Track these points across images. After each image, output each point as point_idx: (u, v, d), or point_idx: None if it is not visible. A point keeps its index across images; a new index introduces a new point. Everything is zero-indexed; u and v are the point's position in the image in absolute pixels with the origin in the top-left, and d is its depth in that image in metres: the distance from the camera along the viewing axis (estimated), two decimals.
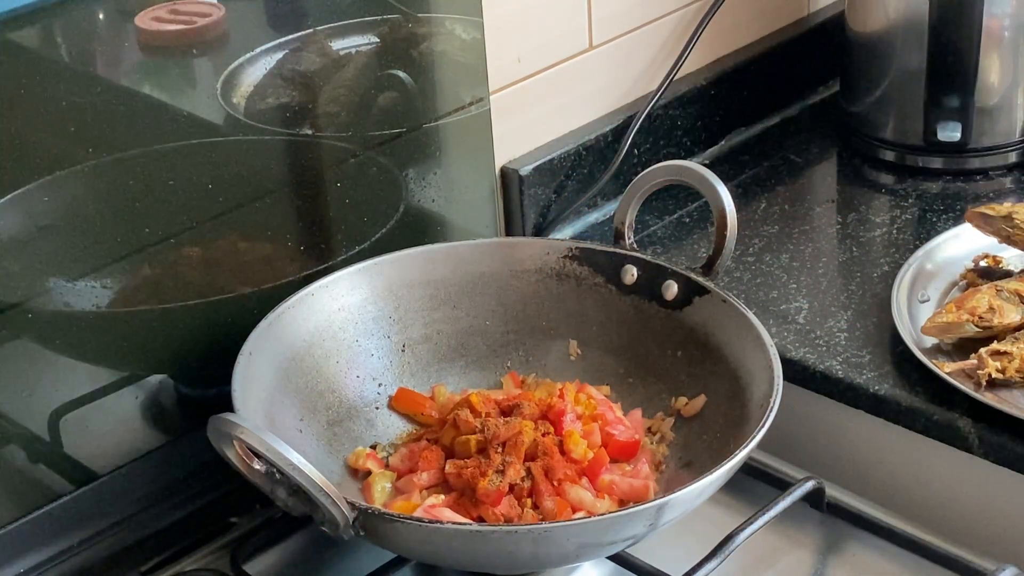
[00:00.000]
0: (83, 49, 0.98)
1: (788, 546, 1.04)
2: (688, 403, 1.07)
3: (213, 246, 1.07)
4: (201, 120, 1.06)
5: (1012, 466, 1.05)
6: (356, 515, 0.88)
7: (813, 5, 1.57)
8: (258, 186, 1.09)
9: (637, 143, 1.37)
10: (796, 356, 1.16)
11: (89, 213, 1.00)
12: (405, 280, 1.12)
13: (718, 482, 0.92)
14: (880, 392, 1.11)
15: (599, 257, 1.13)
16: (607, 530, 0.91)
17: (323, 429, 1.05)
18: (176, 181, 1.03)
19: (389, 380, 1.11)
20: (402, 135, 1.17)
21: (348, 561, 1.03)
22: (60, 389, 1.01)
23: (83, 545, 1.02)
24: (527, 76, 1.29)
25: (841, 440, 1.17)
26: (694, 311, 1.08)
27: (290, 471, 0.85)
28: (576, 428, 1.03)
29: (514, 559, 0.92)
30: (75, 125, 0.97)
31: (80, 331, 1.02)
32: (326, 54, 1.12)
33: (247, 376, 0.99)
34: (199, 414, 0.94)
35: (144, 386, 1.07)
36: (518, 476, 0.98)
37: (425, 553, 0.94)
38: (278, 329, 1.04)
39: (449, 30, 1.20)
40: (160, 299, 1.06)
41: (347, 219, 1.15)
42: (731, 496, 1.05)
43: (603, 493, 1.01)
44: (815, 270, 1.28)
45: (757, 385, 0.99)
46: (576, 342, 1.14)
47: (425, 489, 1.01)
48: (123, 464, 1.05)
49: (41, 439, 1.02)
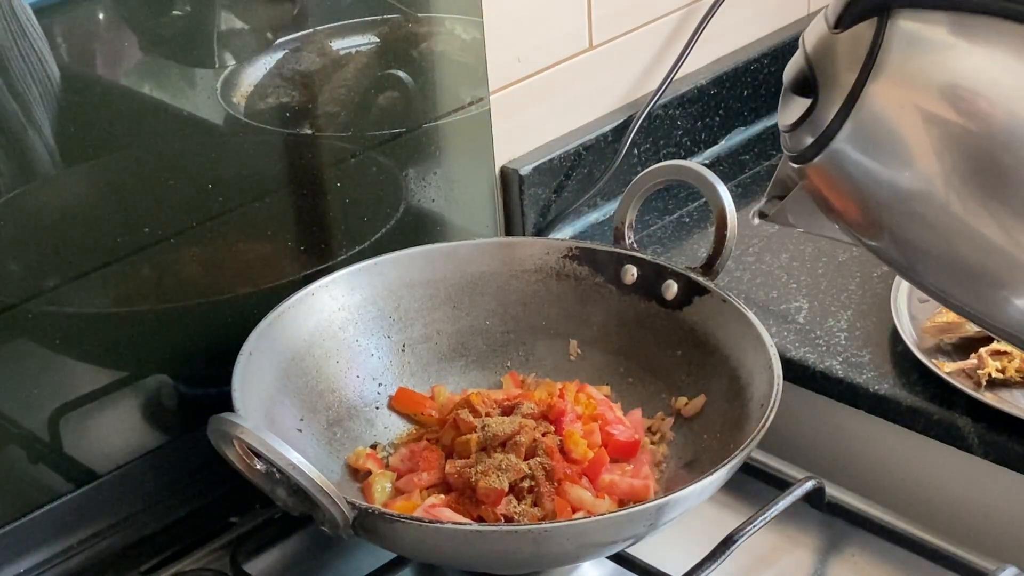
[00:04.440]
0: (83, 49, 0.98)
1: (788, 546, 1.04)
2: (688, 403, 1.07)
3: (213, 246, 1.07)
4: (201, 120, 1.06)
5: (1012, 466, 1.05)
6: (356, 515, 0.88)
7: (813, 5, 1.57)
8: (258, 186, 1.09)
9: (637, 143, 1.37)
10: (796, 356, 1.16)
11: (89, 213, 1.00)
12: (405, 280, 1.12)
13: (718, 482, 0.92)
14: (880, 392, 1.11)
15: (599, 257, 1.13)
16: (607, 530, 0.91)
17: (323, 429, 1.05)
18: (176, 181, 1.03)
19: (389, 380, 1.11)
20: (402, 135, 1.17)
21: (348, 561, 1.03)
22: (60, 389, 1.01)
23: (83, 545, 1.02)
24: (527, 76, 1.29)
25: (841, 440, 1.17)
26: (694, 311, 1.08)
27: (290, 471, 0.85)
28: (576, 428, 1.03)
29: (514, 559, 0.92)
30: (75, 125, 0.97)
31: (80, 331, 1.02)
32: (326, 54, 1.12)
33: (247, 376, 0.99)
34: (199, 414, 0.94)
35: (144, 386, 1.07)
36: (518, 476, 0.98)
37: (425, 553, 0.94)
38: (278, 329, 1.04)
39: (449, 30, 1.20)
40: (160, 299, 1.06)
41: (347, 219, 1.15)
42: (731, 496, 1.05)
43: (603, 493, 1.01)
44: (815, 270, 1.28)
45: (757, 385, 0.99)
46: (576, 342, 1.14)
47: (425, 489, 1.01)
48: (123, 464, 1.05)
49: (41, 439, 1.02)
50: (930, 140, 0.76)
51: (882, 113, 0.77)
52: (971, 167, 0.75)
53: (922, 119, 0.76)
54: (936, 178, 0.76)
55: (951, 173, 0.75)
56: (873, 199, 0.80)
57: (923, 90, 0.76)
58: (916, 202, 0.77)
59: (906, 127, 0.77)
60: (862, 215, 0.82)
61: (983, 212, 0.75)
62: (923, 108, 0.76)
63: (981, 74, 0.75)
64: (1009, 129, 0.74)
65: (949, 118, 0.75)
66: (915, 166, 0.77)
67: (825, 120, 0.79)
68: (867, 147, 0.78)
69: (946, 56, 0.76)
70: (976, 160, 0.75)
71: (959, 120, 0.75)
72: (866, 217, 0.81)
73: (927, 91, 0.76)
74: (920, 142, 0.76)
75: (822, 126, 0.79)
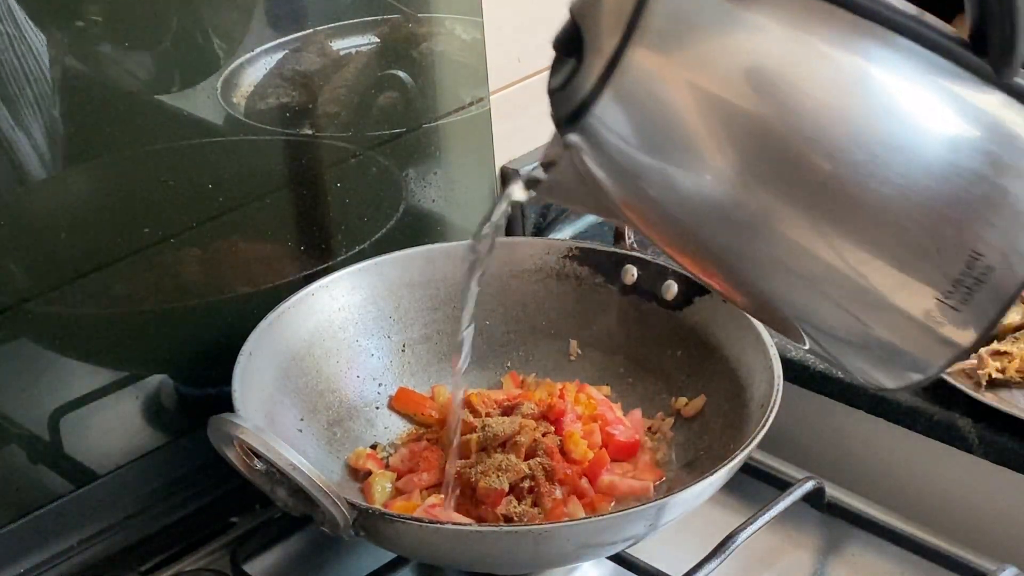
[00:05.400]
0: (83, 49, 0.98)
1: (788, 546, 1.04)
2: (688, 403, 1.07)
3: (213, 246, 1.07)
4: (201, 120, 1.06)
5: (1012, 466, 1.05)
6: (356, 515, 0.88)
7: None
8: (258, 186, 1.09)
9: None
10: (796, 356, 1.16)
11: (89, 213, 1.00)
12: (405, 280, 1.12)
13: (718, 482, 0.92)
14: (880, 392, 1.11)
15: (599, 257, 1.13)
16: (607, 530, 0.91)
17: (323, 429, 1.05)
18: (176, 181, 1.03)
19: (389, 380, 1.11)
20: (402, 135, 1.17)
21: (348, 561, 1.03)
22: (60, 389, 1.01)
23: (83, 545, 1.02)
24: (527, 76, 1.29)
25: (841, 440, 1.17)
26: (694, 311, 1.08)
27: (290, 471, 0.85)
28: (576, 428, 1.03)
29: (514, 559, 0.92)
30: (75, 125, 0.97)
31: (80, 331, 1.02)
32: (326, 54, 1.12)
33: (247, 376, 0.99)
34: (199, 414, 0.94)
35: (144, 386, 1.07)
36: (518, 476, 0.98)
37: (425, 553, 0.94)
38: (278, 329, 1.04)
39: (449, 30, 1.20)
40: (160, 299, 1.06)
41: (347, 219, 1.15)
42: (731, 496, 1.05)
43: (603, 494, 1.01)
44: None
45: (757, 385, 0.99)
46: (576, 342, 1.14)
47: (425, 489, 1.01)
48: (123, 464, 1.05)
49: (41, 439, 1.01)
50: (697, 118, 0.68)
51: (642, 85, 0.69)
52: (747, 152, 0.68)
53: (685, 93, 0.68)
54: (703, 163, 0.69)
55: (721, 159, 0.68)
56: (634, 182, 0.71)
57: (689, 63, 0.68)
58: (677, 185, 0.70)
59: (668, 101, 0.69)
60: (625, 200, 0.73)
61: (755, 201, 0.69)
62: (688, 82, 0.68)
63: (761, 48, 0.68)
64: (795, 112, 0.68)
65: (719, 95, 0.68)
66: (682, 147, 0.69)
67: (585, 86, 0.70)
68: (626, 123, 0.70)
69: (722, 25, 0.68)
70: (756, 145, 0.68)
71: (733, 100, 0.68)
72: (628, 202, 0.73)
73: (694, 64, 0.68)
74: (685, 120, 0.69)
75: (582, 92, 0.70)
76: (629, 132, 0.70)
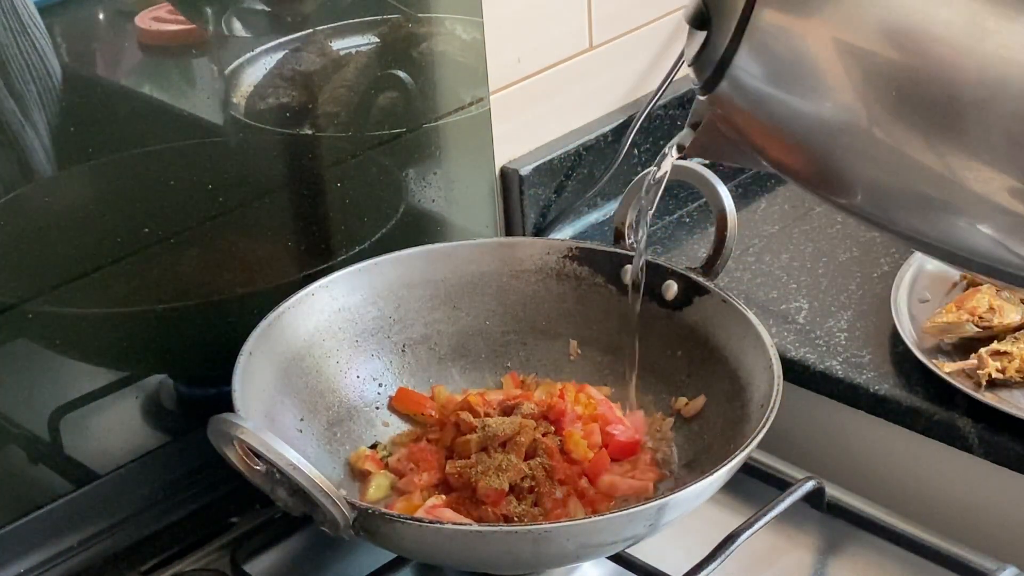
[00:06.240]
0: (83, 49, 0.98)
1: (788, 546, 1.04)
2: (688, 403, 1.07)
3: (213, 246, 1.07)
4: (201, 120, 1.06)
5: (1012, 466, 1.05)
6: (356, 515, 0.88)
7: None
8: (258, 186, 1.09)
9: (637, 143, 1.37)
10: (796, 356, 1.16)
11: (89, 213, 1.00)
12: (405, 280, 1.12)
13: (718, 482, 0.92)
14: (880, 392, 1.11)
15: (599, 257, 1.13)
16: (607, 530, 0.91)
17: (323, 429, 1.05)
18: (176, 181, 1.03)
19: (389, 380, 1.11)
20: (402, 135, 1.17)
21: (348, 561, 1.03)
22: (60, 389, 1.01)
23: (83, 545, 1.02)
24: (527, 76, 1.29)
25: (841, 440, 1.17)
26: (694, 311, 1.08)
27: (290, 471, 0.85)
28: (576, 428, 1.03)
29: (514, 559, 0.92)
30: (75, 125, 0.97)
31: (80, 331, 1.02)
32: (326, 54, 1.12)
33: (247, 376, 0.99)
34: (199, 414, 0.93)
35: (144, 386, 1.07)
36: (518, 476, 0.98)
37: (425, 553, 0.94)
38: (278, 329, 1.04)
39: (449, 30, 1.20)
40: (160, 299, 1.06)
41: (347, 219, 1.15)
42: (731, 496, 1.05)
43: (604, 494, 1.01)
44: (815, 270, 1.28)
45: (757, 385, 0.99)
46: (576, 342, 1.14)
47: (425, 489, 1.01)
48: (123, 464, 1.05)
49: (41, 439, 1.02)
50: (831, 66, 0.74)
51: (772, 38, 0.76)
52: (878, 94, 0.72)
53: (815, 45, 0.75)
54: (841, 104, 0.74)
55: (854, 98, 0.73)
56: (780, 126, 0.78)
57: (813, 15, 0.74)
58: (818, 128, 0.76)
59: (799, 52, 0.75)
60: (775, 144, 0.80)
61: (897, 137, 0.73)
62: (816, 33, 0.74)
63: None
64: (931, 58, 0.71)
65: (850, 43, 0.73)
66: (818, 92, 0.75)
67: (720, 47, 0.79)
68: (764, 73, 0.77)
69: None
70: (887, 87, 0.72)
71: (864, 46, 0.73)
72: (779, 146, 0.80)
73: (817, 16, 0.74)
74: (819, 68, 0.75)
75: (718, 53, 0.79)
76: (770, 83, 0.78)
